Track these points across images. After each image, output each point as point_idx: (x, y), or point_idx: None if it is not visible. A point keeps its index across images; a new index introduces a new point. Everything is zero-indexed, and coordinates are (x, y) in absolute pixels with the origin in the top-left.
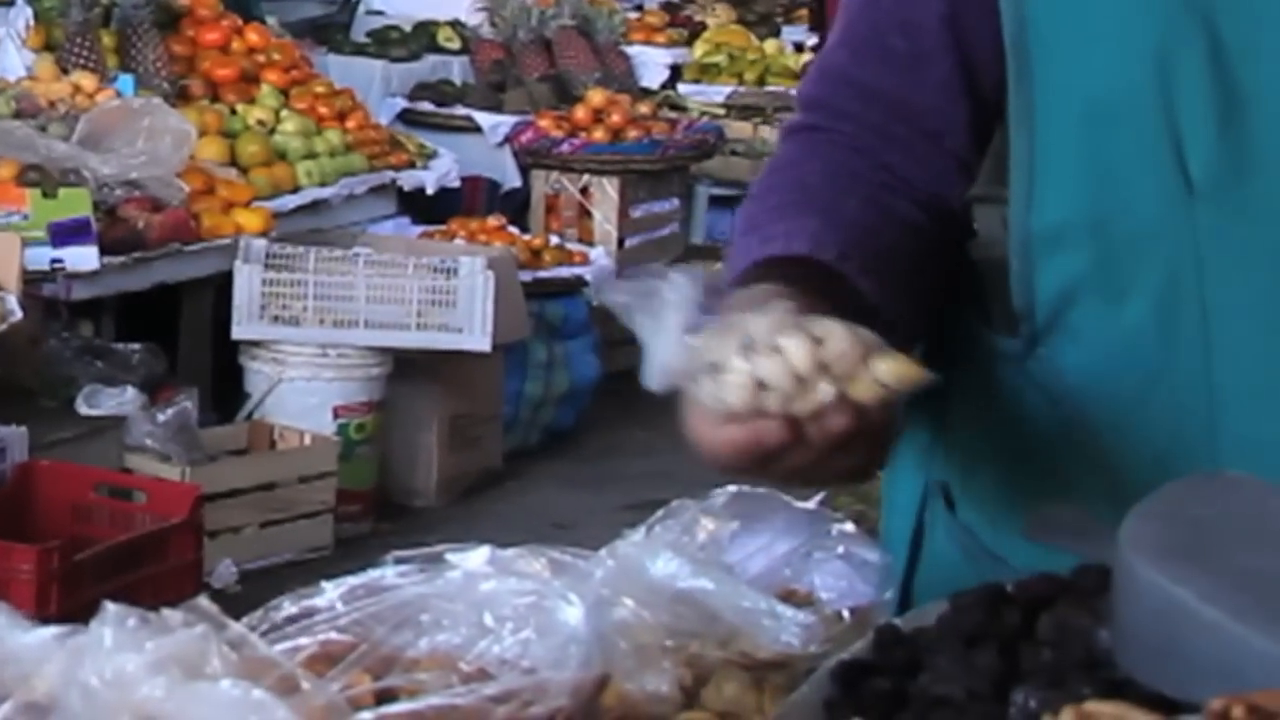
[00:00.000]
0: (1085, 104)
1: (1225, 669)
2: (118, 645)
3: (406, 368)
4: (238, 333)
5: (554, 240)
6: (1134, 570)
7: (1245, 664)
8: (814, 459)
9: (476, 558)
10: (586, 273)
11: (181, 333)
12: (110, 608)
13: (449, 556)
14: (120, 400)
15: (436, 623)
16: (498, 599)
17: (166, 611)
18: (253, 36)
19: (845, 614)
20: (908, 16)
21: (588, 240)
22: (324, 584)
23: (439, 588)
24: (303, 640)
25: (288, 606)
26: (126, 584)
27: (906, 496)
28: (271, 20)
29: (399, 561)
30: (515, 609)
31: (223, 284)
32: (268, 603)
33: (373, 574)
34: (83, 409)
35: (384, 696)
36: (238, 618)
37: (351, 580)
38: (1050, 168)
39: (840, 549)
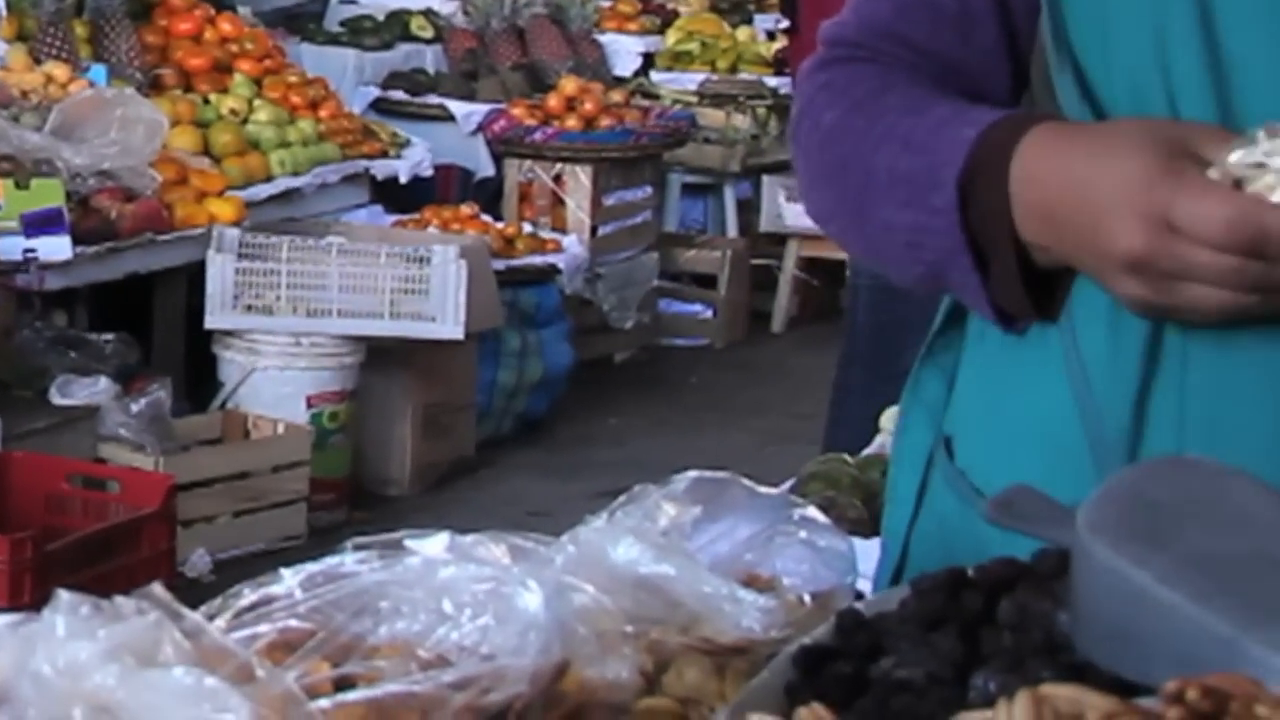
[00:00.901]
0: (1099, 61)
1: (1182, 652)
2: (70, 633)
3: (380, 356)
4: (211, 322)
5: (527, 228)
6: (1092, 553)
7: (1202, 647)
8: None
9: (436, 544)
10: (559, 261)
11: (155, 322)
12: (63, 595)
13: (408, 543)
14: (94, 390)
15: (395, 609)
16: (457, 585)
17: (120, 599)
18: (225, 26)
19: (807, 599)
20: None
21: (561, 228)
22: (283, 571)
23: (398, 574)
24: (262, 628)
25: (247, 594)
26: (100, 574)
27: (915, 452)
28: (244, 10)
29: (358, 548)
30: (474, 595)
31: (196, 273)
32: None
33: (331, 561)
34: (56, 399)
35: (342, 684)
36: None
37: (310, 567)
38: None
39: (802, 534)
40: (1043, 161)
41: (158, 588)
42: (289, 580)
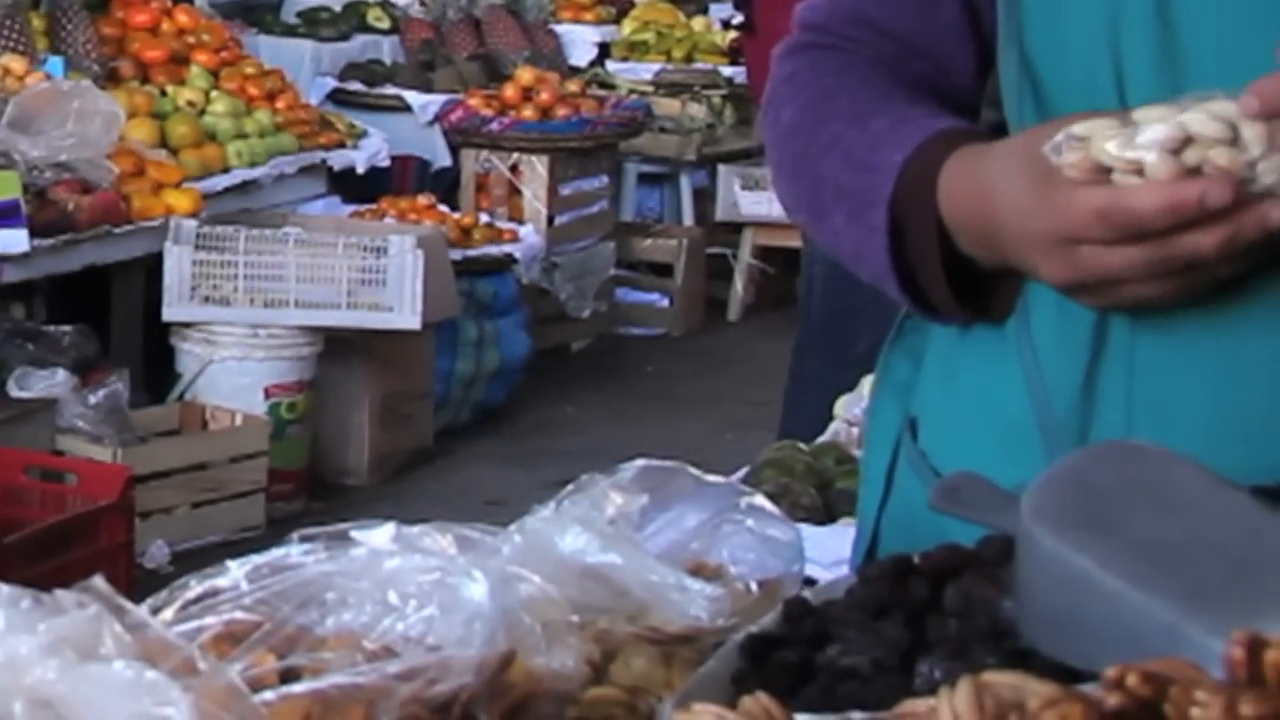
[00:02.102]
0: (1051, 37)
1: (1125, 638)
2: (10, 627)
3: (337, 347)
4: (168, 314)
5: (484, 218)
6: (1035, 539)
7: (1144, 633)
8: (1216, 248)
9: (381, 535)
10: (516, 250)
11: (112, 314)
12: (2, 589)
13: (354, 534)
14: (51, 382)
15: (342, 601)
16: (402, 577)
17: (60, 593)
18: (182, 18)
19: (754, 587)
20: None
21: (517, 218)
22: (229, 563)
23: (344, 566)
24: (208, 620)
25: (193, 586)
26: (58, 566)
27: (884, 433)
28: (201, 1)
29: (304, 540)
30: (420, 586)
31: (153, 265)
32: None
33: (277, 552)
34: (14, 391)
35: (287, 676)
36: None
37: (257, 559)
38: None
39: (750, 522)
40: (959, 194)
41: (99, 581)
42: (235, 572)
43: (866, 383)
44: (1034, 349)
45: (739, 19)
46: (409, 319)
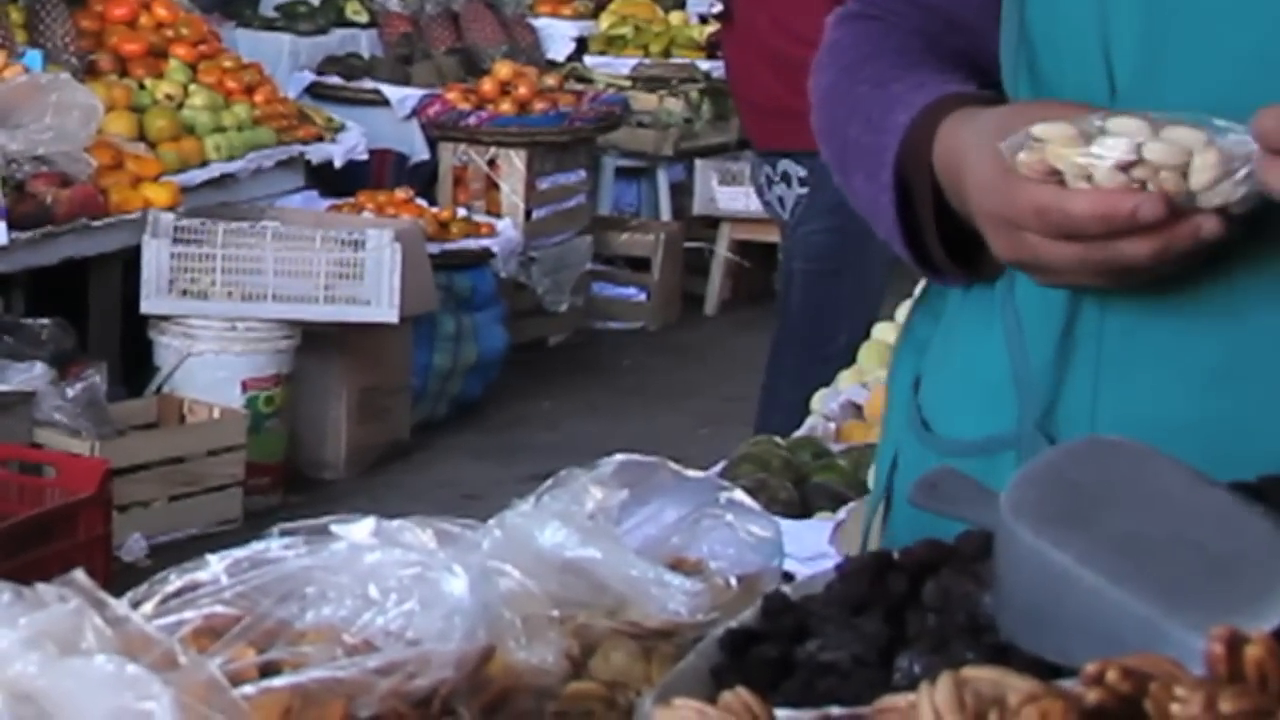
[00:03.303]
0: (1047, 12)
1: (1103, 633)
2: None
3: (315, 340)
4: (146, 307)
5: (461, 212)
6: (1014, 535)
7: (1123, 628)
8: (1148, 257)
9: (361, 529)
10: (494, 245)
11: (90, 307)
12: None
13: (334, 528)
14: (29, 375)
15: (321, 595)
16: (382, 570)
17: (41, 586)
18: (161, 11)
19: (733, 582)
20: None
21: (495, 212)
22: (209, 557)
23: (324, 560)
24: (187, 614)
25: (173, 580)
26: (36, 559)
27: (901, 389)
28: None
29: (284, 534)
30: (400, 580)
31: (131, 258)
32: None
33: (257, 546)
34: None
35: (267, 670)
36: None
37: (237, 553)
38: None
39: (729, 517)
40: (944, 156)
41: (79, 574)
42: (215, 566)
43: (844, 378)
44: (1016, 310)
45: (718, 8)
46: (386, 313)
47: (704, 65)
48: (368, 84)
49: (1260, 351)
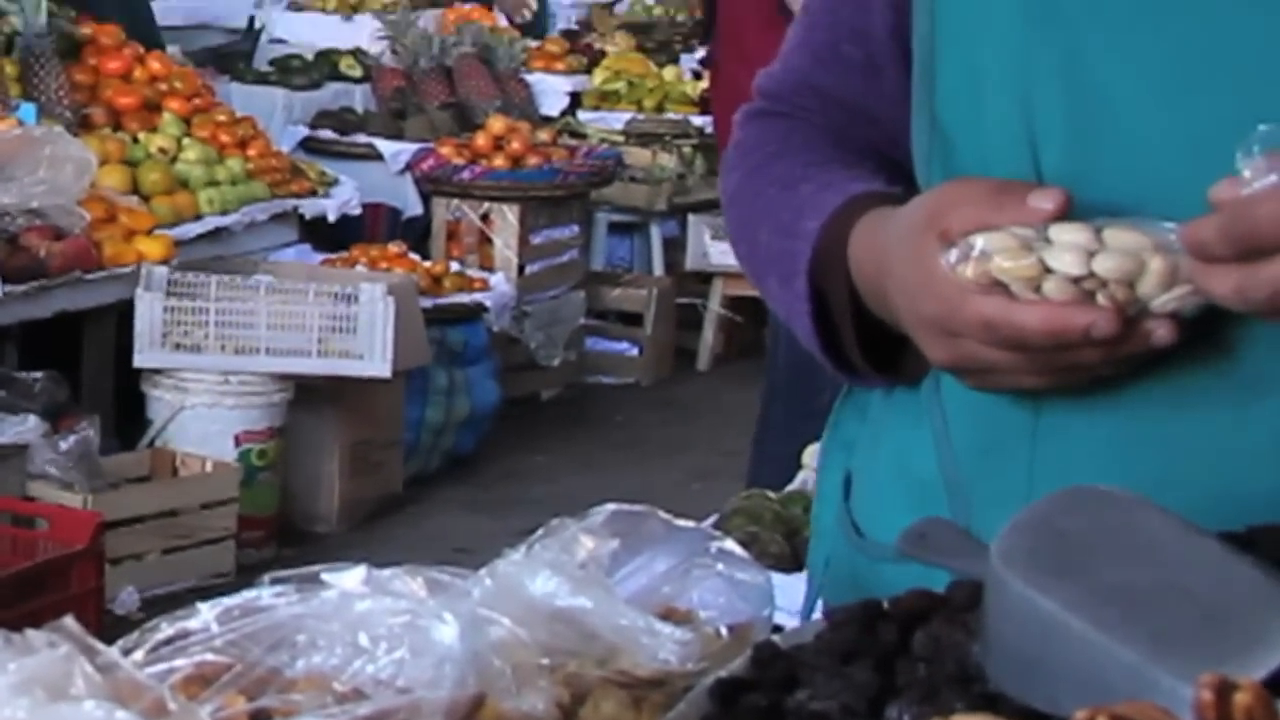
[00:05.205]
0: (966, 97)
1: (1092, 681)
2: None
3: (308, 394)
4: (140, 360)
5: (454, 267)
6: (1003, 583)
7: (1111, 676)
8: (1097, 365)
9: (352, 577)
10: (487, 299)
11: (84, 360)
12: None
13: (325, 576)
14: (22, 428)
15: (312, 643)
16: (373, 619)
17: (31, 633)
18: (154, 65)
19: (724, 631)
20: (861, 26)
21: (488, 267)
22: (199, 605)
23: (315, 608)
24: (178, 662)
25: (164, 628)
26: (29, 611)
27: (831, 488)
28: (173, 49)
29: (275, 582)
30: (390, 629)
31: (125, 311)
32: None
33: (248, 594)
34: None
35: (258, 718)
36: None
37: (227, 601)
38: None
39: (720, 567)
40: (861, 260)
41: (69, 621)
42: (206, 614)
43: None
44: (943, 411)
45: (701, 54)
46: (379, 367)
47: (697, 120)
48: (361, 138)
49: (1204, 450)
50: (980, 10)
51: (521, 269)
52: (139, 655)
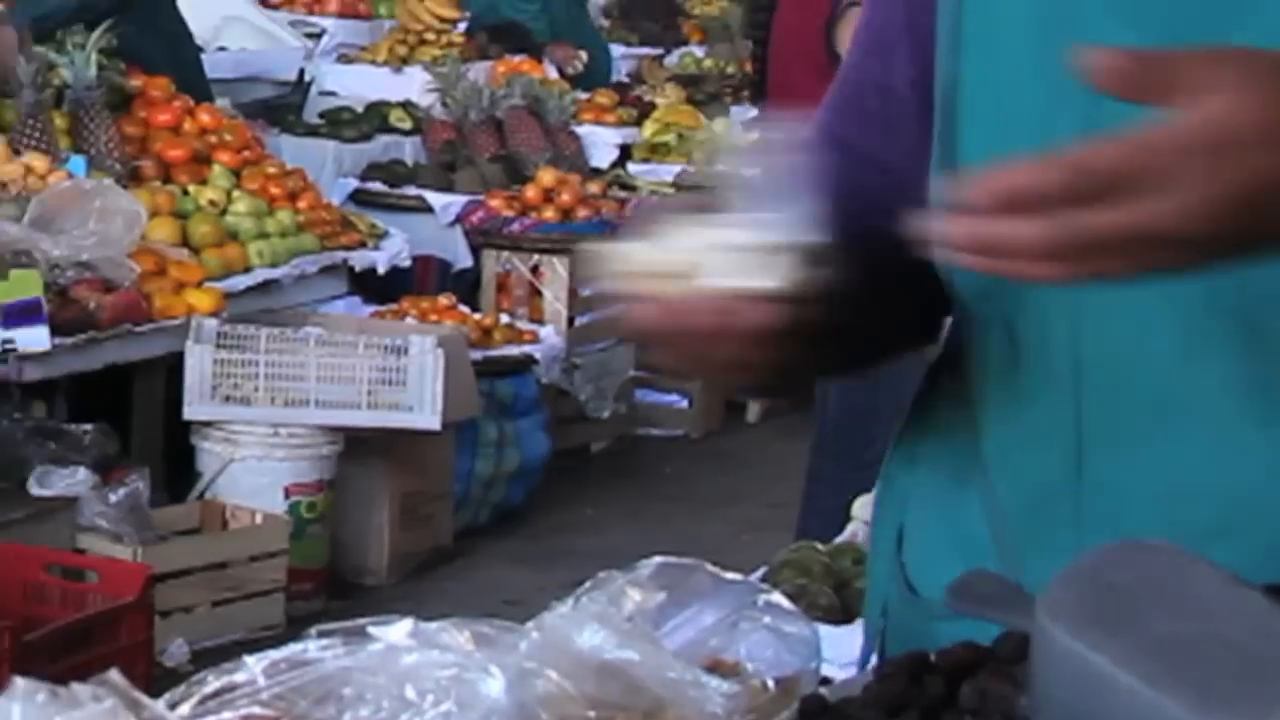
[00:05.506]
0: (989, 150)
1: None
2: None
3: (357, 446)
4: (189, 413)
5: (504, 319)
6: (1051, 637)
7: None
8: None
9: (399, 630)
10: (536, 351)
11: (133, 413)
12: (19, 682)
13: (371, 629)
14: (72, 481)
15: (359, 696)
16: (420, 671)
17: (76, 686)
18: (205, 117)
19: (771, 684)
20: (883, 81)
21: (538, 319)
22: (246, 658)
23: (361, 660)
24: (225, 715)
25: (211, 681)
26: (78, 663)
27: (886, 541)
28: (223, 101)
29: (321, 635)
30: (437, 681)
31: (174, 364)
32: None
33: (295, 647)
34: (35, 490)
35: None
36: None
37: (274, 654)
38: None
39: (767, 619)
40: None
41: (115, 674)
42: (253, 667)
43: None
44: (985, 470)
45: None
46: (429, 419)
47: None
48: (411, 190)
49: (1251, 501)
50: (1003, 67)
51: (571, 321)
52: (185, 709)
